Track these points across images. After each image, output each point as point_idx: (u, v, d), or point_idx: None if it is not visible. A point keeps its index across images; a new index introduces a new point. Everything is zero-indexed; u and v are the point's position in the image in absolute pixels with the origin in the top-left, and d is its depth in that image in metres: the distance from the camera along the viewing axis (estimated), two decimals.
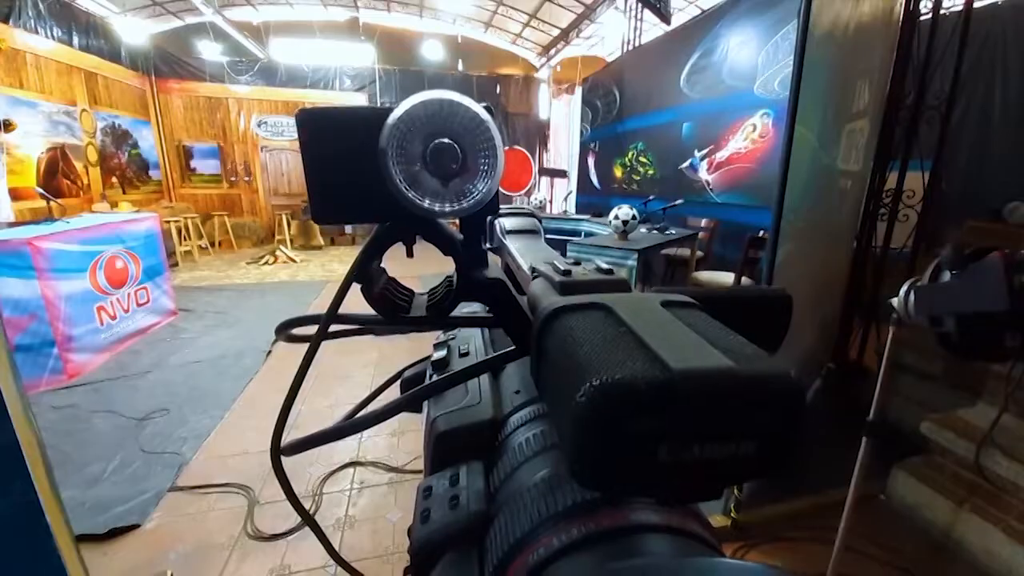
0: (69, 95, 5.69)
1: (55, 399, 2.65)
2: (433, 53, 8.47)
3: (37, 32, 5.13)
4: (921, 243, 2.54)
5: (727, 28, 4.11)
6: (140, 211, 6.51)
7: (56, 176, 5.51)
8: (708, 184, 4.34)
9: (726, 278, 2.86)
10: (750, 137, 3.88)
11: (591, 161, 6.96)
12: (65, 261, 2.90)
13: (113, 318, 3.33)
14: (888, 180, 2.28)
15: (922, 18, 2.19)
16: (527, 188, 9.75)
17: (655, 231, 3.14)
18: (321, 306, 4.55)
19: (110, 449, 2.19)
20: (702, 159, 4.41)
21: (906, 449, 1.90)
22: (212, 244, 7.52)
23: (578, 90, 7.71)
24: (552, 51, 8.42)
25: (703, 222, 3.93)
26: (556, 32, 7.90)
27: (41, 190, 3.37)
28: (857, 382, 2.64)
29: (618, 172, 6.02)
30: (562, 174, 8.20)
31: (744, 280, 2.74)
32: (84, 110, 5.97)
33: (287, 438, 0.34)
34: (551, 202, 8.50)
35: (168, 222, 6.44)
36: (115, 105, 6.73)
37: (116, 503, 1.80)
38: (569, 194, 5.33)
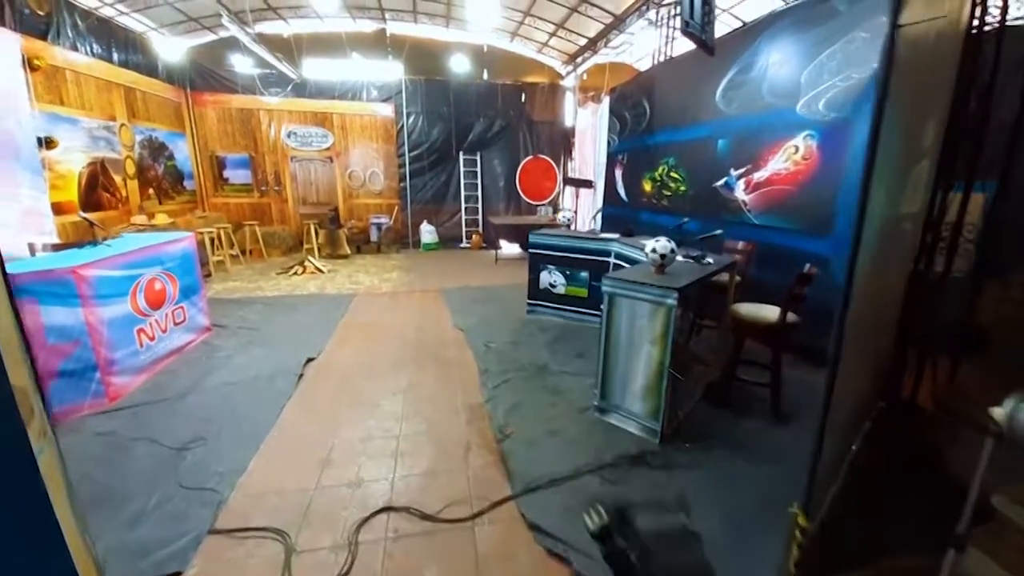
0: (109, 110, 5.88)
1: (98, 424, 2.71)
2: (459, 63, 8.48)
3: (77, 49, 5.31)
4: (981, 270, 2.39)
5: (768, 43, 3.96)
6: (175, 223, 6.71)
7: (96, 189, 5.70)
8: (745, 204, 4.19)
9: (769, 312, 2.74)
10: (792, 159, 3.73)
11: (619, 173, 6.85)
12: (107, 287, 2.97)
13: (152, 339, 3.40)
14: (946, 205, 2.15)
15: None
16: (551, 197, 9.67)
17: (690, 259, 3.03)
18: (349, 323, 4.57)
19: (150, 482, 2.21)
20: (739, 178, 4.26)
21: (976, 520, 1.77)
22: (243, 252, 7.68)
23: (605, 99, 7.59)
24: (579, 59, 8.32)
25: (740, 244, 3.79)
26: (583, 41, 7.80)
27: (84, 215, 3.45)
28: (912, 424, 2.50)
29: (647, 186, 5.89)
30: (588, 184, 8.10)
31: (789, 316, 2.61)
32: (123, 124, 6.17)
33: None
34: (575, 212, 8.40)
35: (201, 232, 6.60)
36: (152, 119, 6.94)
37: (157, 546, 1.82)
38: (598, 213, 5.22)
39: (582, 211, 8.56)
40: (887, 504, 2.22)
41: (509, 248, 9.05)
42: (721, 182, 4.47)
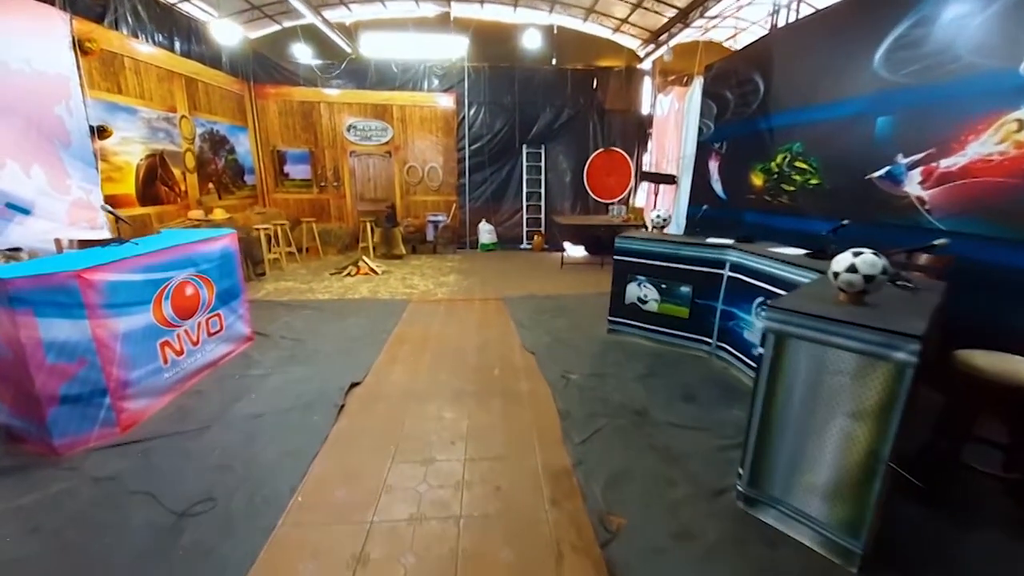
0: (169, 101, 5.69)
1: (101, 463, 2.22)
2: (525, 47, 7.73)
3: (137, 36, 5.10)
4: None
5: None
6: (233, 218, 6.49)
7: (154, 183, 5.51)
8: (922, 203, 3.10)
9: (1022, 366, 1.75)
10: (1011, 139, 2.62)
11: (713, 165, 5.80)
12: (124, 294, 2.49)
13: (179, 353, 2.93)
14: None
15: None
16: (624, 195, 8.70)
17: (884, 278, 2.06)
18: (400, 337, 3.94)
19: (136, 568, 1.64)
20: (911, 167, 3.17)
21: None
22: (299, 250, 7.41)
23: (696, 82, 6.54)
24: (664, 36, 7.29)
25: (923, 259, 2.74)
26: (672, 13, 6.77)
27: (107, 206, 3.04)
28: None
29: (757, 180, 4.83)
30: (670, 180, 7.07)
31: None
32: (183, 116, 5.98)
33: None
34: (671, 213, 7.39)
35: (258, 229, 6.34)
36: (214, 111, 6.77)
37: None
38: (704, 210, 4.26)
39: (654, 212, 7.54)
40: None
41: (574, 250, 8.20)
42: (880, 173, 3.38)
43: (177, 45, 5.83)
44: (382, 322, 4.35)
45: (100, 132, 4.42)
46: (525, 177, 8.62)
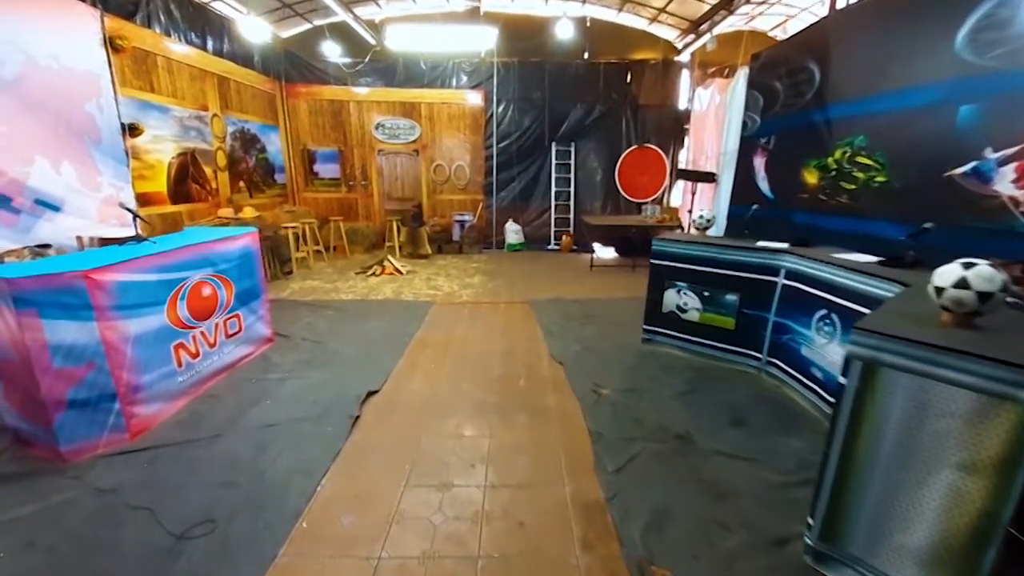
0: (201, 100, 5.72)
1: (105, 472, 2.12)
2: (557, 41, 7.46)
3: (169, 35, 5.12)
4: None
5: None
6: (261, 216, 6.51)
7: (186, 181, 5.55)
8: (1017, 204, 2.68)
9: None
10: None
11: (759, 162, 5.38)
12: (135, 295, 2.39)
13: (195, 356, 2.83)
14: None
15: None
16: (658, 193, 8.31)
17: (1003, 297, 1.71)
18: (422, 341, 3.75)
19: None
20: (1002, 163, 2.74)
21: None
22: (327, 249, 7.39)
23: (740, 73, 6.12)
24: (705, 25, 6.87)
25: (1019, 269, 2.33)
26: (714, 1, 6.36)
27: (123, 203, 2.98)
28: None
29: (811, 178, 4.41)
30: (708, 178, 6.66)
31: None
32: (215, 115, 6.01)
33: None
34: (713, 214, 6.98)
35: (286, 228, 6.32)
36: (246, 110, 6.81)
37: None
38: (754, 210, 3.91)
39: (696, 212, 7.11)
40: None
41: (603, 252, 7.88)
42: (964, 169, 2.96)
43: (210, 44, 5.86)
44: (404, 325, 4.19)
45: (131, 130, 4.43)
46: (554, 176, 8.35)
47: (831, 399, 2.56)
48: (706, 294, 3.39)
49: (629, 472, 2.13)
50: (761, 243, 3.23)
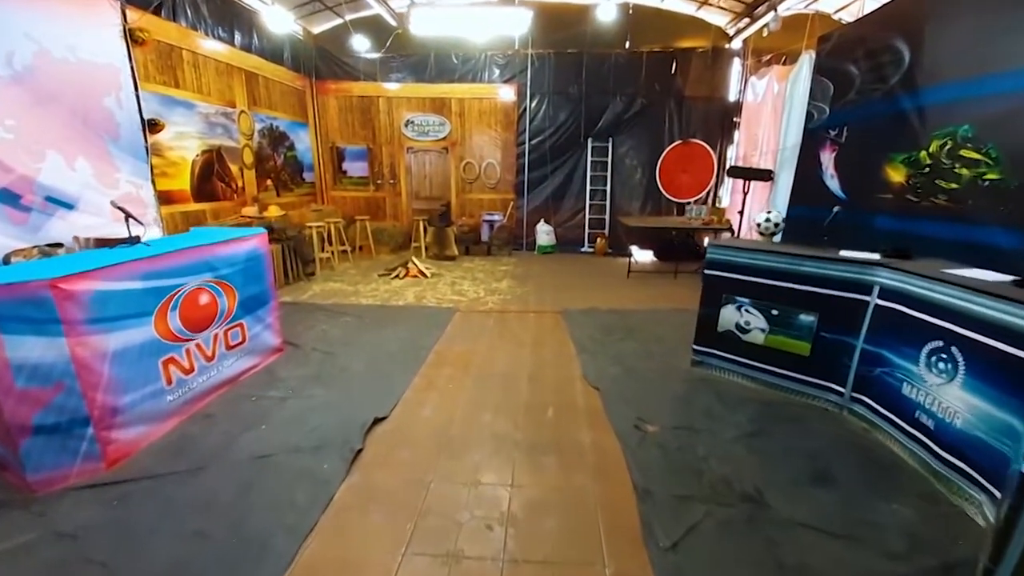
0: (228, 96, 5.58)
1: (69, 512, 1.84)
2: (598, 23, 6.94)
3: (196, 29, 4.97)
4: None
5: None
6: (287, 215, 6.36)
7: (211, 179, 5.42)
8: None
9: None
10: None
11: (827, 157, 4.72)
12: (116, 305, 2.12)
13: (188, 371, 2.56)
14: None
15: None
16: (704, 192, 7.67)
17: None
18: (440, 356, 3.27)
19: None
20: None
21: None
22: (353, 248, 7.19)
23: (804, 58, 5.45)
24: (761, 8, 6.21)
25: None
26: None
27: (115, 202, 2.75)
28: None
29: (896, 175, 3.76)
30: (764, 175, 5.99)
31: None
32: (242, 112, 5.88)
33: None
34: (736, 209, 6.31)
35: (310, 227, 6.13)
36: (274, 107, 6.68)
37: None
38: (836, 211, 3.31)
39: (749, 214, 6.43)
40: None
41: (641, 256, 7.31)
42: None
43: (238, 39, 5.73)
44: (423, 335, 3.84)
45: (151, 126, 4.29)
46: (589, 174, 7.85)
47: (946, 455, 2.00)
48: (774, 312, 2.85)
49: (688, 548, 1.67)
50: (845, 252, 2.67)
